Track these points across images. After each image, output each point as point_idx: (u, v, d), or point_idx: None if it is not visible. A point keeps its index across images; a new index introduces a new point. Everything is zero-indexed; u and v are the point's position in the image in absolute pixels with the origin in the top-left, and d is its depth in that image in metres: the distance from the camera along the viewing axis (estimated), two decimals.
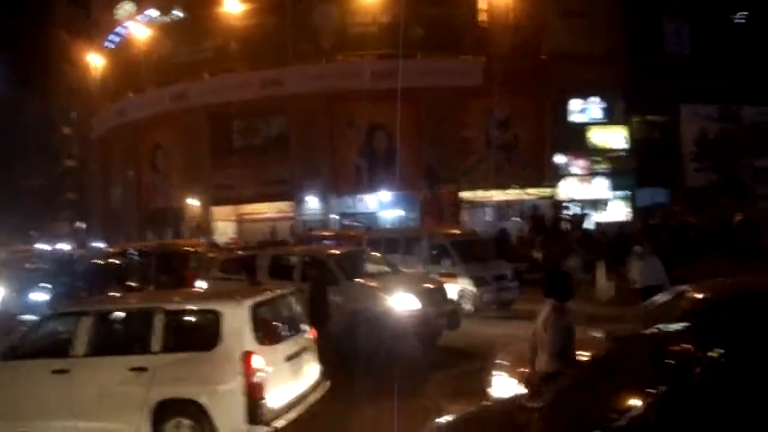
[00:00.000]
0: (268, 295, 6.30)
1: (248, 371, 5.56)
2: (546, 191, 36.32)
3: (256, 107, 35.90)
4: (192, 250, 16.31)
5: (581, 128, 37.39)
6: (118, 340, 6.26)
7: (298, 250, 11.72)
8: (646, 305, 8.35)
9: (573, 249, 16.35)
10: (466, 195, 33.94)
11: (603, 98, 37.62)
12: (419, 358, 8.59)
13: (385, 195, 36.62)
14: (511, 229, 28.64)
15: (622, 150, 37.87)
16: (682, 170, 38.32)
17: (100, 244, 38.65)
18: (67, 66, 48.64)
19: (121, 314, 6.34)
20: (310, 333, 6.61)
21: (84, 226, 50.76)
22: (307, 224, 34.22)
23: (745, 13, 44.06)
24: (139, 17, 40.01)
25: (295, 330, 6.42)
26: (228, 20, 36.43)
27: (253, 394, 5.51)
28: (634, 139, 38.29)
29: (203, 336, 5.93)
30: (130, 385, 5.76)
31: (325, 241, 18.73)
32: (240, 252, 13.05)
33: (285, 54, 35.89)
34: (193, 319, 6.17)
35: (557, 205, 32.71)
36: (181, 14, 38.71)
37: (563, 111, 37.11)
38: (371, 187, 36.18)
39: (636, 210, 37.28)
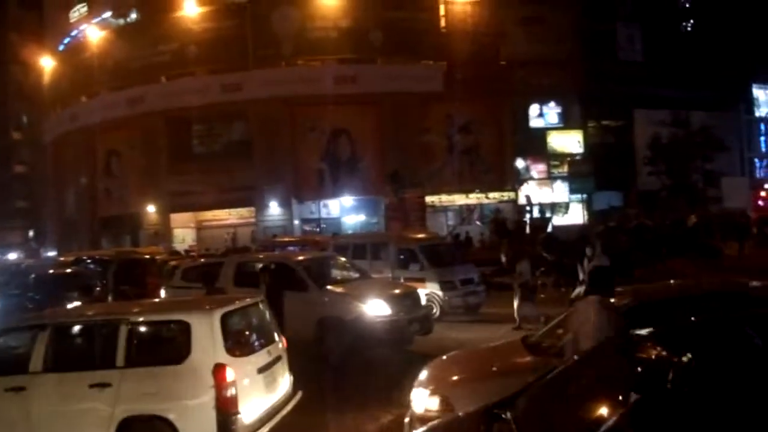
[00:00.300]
0: (238, 304, 6.03)
1: (220, 385, 5.29)
2: (507, 195, 36.77)
3: (216, 112, 35.39)
4: (153, 258, 15.89)
5: (540, 133, 38.08)
6: (80, 355, 5.90)
7: (265, 257, 11.51)
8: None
9: (527, 252, 16.61)
10: (429, 199, 34.11)
11: (560, 103, 38.41)
12: (391, 365, 8.48)
13: (347, 200, 36.55)
14: (472, 233, 28.87)
15: (579, 154, 38.65)
16: (635, 174, 39.31)
17: (53, 253, 37.52)
18: (18, 69, 47.08)
19: (82, 327, 6.04)
20: (281, 342, 6.42)
21: (32, 234, 49.10)
22: (269, 231, 33.79)
23: (692, 21, 45.80)
24: (93, 20, 38.96)
25: (267, 340, 6.22)
26: (185, 23, 35.86)
27: (226, 408, 5.27)
28: (589, 143, 39.17)
29: (171, 348, 5.66)
30: (93, 401, 5.45)
31: (290, 248, 18.50)
32: (203, 260, 12.71)
33: (245, 58, 35.50)
34: (160, 330, 5.87)
35: (519, 209, 33.14)
36: (137, 17, 37.83)
37: (522, 116, 37.72)
38: (334, 193, 36.03)
39: (592, 213, 38.11)
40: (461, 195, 36.61)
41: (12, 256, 36.86)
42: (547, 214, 31.14)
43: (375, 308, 9.18)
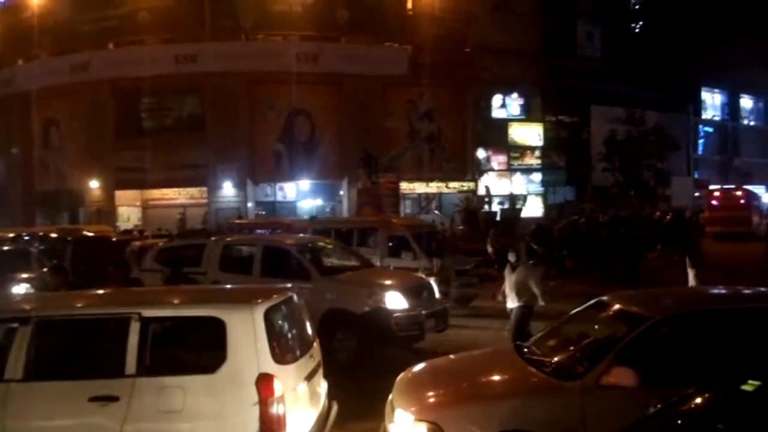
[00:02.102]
0: (279, 296, 4.86)
1: (266, 401, 4.14)
2: (467, 185, 36.39)
3: (168, 84, 33.24)
4: (109, 237, 14.40)
5: (501, 124, 37.87)
6: (75, 359, 4.58)
7: (258, 239, 10.38)
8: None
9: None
10: None
11: (522, 95, 38.30)
12: (408, 364, 7.62)
13: (304, 184, 35.31)
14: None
15: (539, 147, 38.75)
16: (589, 169, 39.75)
17: None
18: None
19: (78, 322, 4.67)
20: (317, 343, 5.39)
21: None
22: (222, 212, 32.22)
23: (641, 23, 46.76)
24: None
25: (307, 341, 5.16)
26: None
27: (273, 430, 4.19)
28: (548, 137, 39.32)
29: (200, 353, 4.49)
30: (93, 420, 4.22)
31: (258, 231, 17.29)
32: (180, 240, 11.45)
33: (201, 29, 33.62)
34: (184, 329, 4.58)
35: (479, 199, 32.81)
36: None
37: (485, 106, 37.39)
38: (291, 175, 34.71)
39: (548, 207, 38.34)
40: (421, 183, 35.97)
41: None
42: (518, 205, 30.89)
43: (391, 301, 8.27)
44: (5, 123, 38.51)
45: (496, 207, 30.96)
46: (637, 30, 46.81)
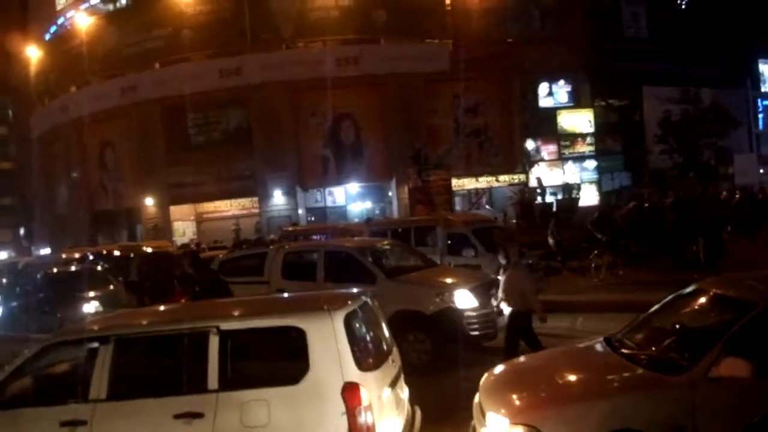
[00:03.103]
0: (357, 300, 4.75)
1: (353, 410, 3.99)
2: (517, 178, 35.67)
3: (214, 99, 33.84)
4: (170, 252, 14.59)
5: (550, 113, 37.01)
6: (158, 376, 4.51)
7: (319, 245, 10.27)
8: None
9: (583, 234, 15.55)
10: None
11: (569, 81, 37.34)
12: (482, 365, 7.34)
13: (353, 187, 35.31)
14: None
15: (590, 134, 37.71)
16: (645, 153, 38.45)
17: (45, 250, 36.01)
18: (2, 60, 44.95)
19: (157, 339, 4.60)
20: (396, 347, 5.18)
21: (23, 232, 47.31)
22: (273, 221, 32.50)
23: None
24: (81, 6, 37.11)
25: (388, 346, 4.97)
26: (179, 6, 34.20)
27: None
28: (598, 122, 38.22)
29: (282, 364, 4.35)
30: None
31: (314, 237, 17.25)
32: (240, 251, 11.46)
33: (243, 41, 34.00)
34: (263, 340, 4.45)
35: (532, 191, 32.06)
36: (127, 1, 36.10)
37: (531, 96, 36.62)
38: (339, 180, 34.74)
39: (603, 194, 37.23)
40: (470, 178, 35.43)
41: (2, 254, 35.36)
42: (574, 195, 30.06)
43: (461, 300, 7.99)
44: (64, 149, 40.08)
45: (549, 198, 30.13)
46: (683, 6, 45.11)
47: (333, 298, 4.90)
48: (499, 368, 5.25)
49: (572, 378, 4.70)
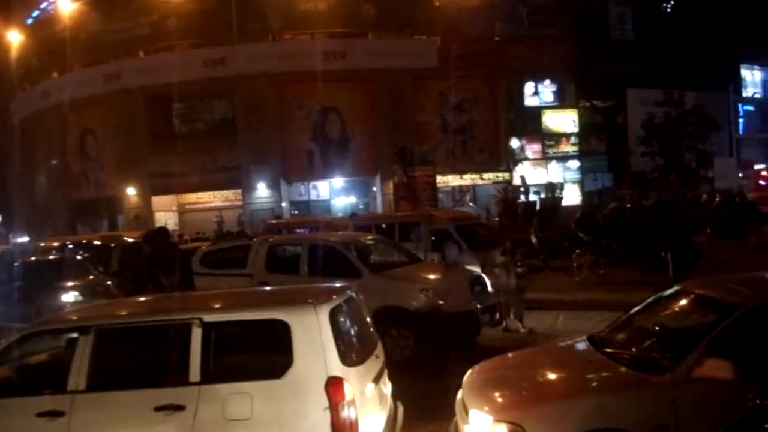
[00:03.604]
0: (341, 295, 4.70)
1: (336, 405, 3.95)
2: (501, 176, 35.82)
3: (199, 89, 33.46)
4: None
5: (535, 112, 37.19)
6: (137, 367, 4.44)
7: (304, 238, 10.21)
8: None
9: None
10: None
11: (554, 81, 37.53)
12: (466, 362, 7.34)
13: (338, 181, 35.21)
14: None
15: (574, 134, 37.95)
16: (627, 154, 38.80)
17: (24, 239, 35.42)
18: None
19: (138, 330, 4.52)
20: (380, 342, 5.16)
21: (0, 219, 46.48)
22: (256, 214, 32.32)
23: (672, 1, 45.33)
24: None
25: (372, 340, 4.96)
26: None
27: None
28: (582, 123, 38.48)
29: (265, 358, 4.31)
30: (159, 429, 4.07)
31: (298, 230, 17.18)
32: (223, 243, 11.36)
33: (229, 32, 33.66)
34: (246, 333, 4.43)
35: (516, 189, 32.24)
36: None
37: (517, 94, 36.75)
38: (324, 174, 34.62)
39: (585, 194, 37.51)
40: (455, 176, 35.51)
41: None
42: (557, 194, 30.25)
43: (443, 297, 7.99)
44: (45, 135, 39.42)
45: (532, 196, 30.30)
46: (668, 9, 45.49)
47: (318, 291, 4.86)
48: (482, 365, 5.25)
49: (556, 376, 4.72)
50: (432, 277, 8.60)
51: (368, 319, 5.10)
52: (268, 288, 7.14)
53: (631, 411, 4.15)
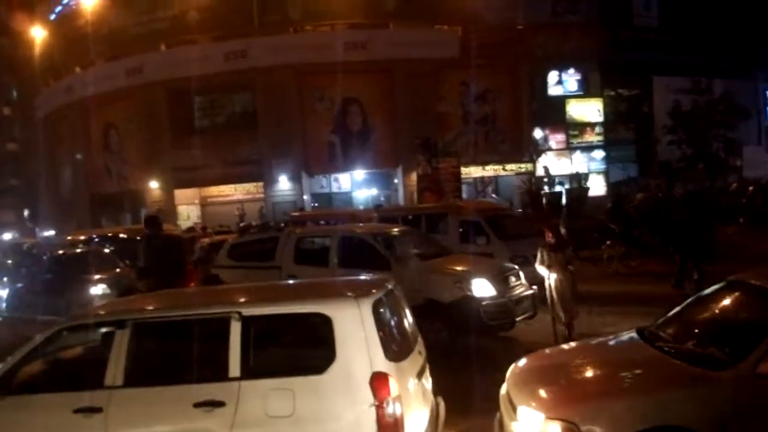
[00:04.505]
0: (383, 287, 4.49)
1: (382, 401, 3.78)
2: (524, 167, 35.37)
3: (220, 82, 33.45)
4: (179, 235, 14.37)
5: (558, 101, 36.64)
6: (175, 362, 4.30)
7: (333, 230, 10.04)
8: None
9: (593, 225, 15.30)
10: None
11: (579, 70, 36.92)
12: (501, 356, 7.14)
13: (359, 174, 35.03)
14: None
15: (599, 123, 37.35)
16: (654, 144, 38.10)
17: (50, 232, 35.85)
18: (6, 40, 44.56)
19: (175, 324, 4.35)
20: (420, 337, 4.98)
21: (27, 213, 47.14)
22: (278, 206, 32.31)
23: None
24: None
25: (413, 335, 4.77)
26: None
27: None
28: (607, 112, 37.85)
29: (307, 353, 4.15)
30: (198, 426, 3.94)
31: (322, 222, 17.05)
32: (249, 236, 11.27)
33: (250, 24, 33.60)
34: (287, 328, 4.27)
35: (539, 180, 31.77)
36: None
37: (540, 84, 36.23)
38: (345, 166, 34.45)
39: (610, 185, 36.94)
40: (477, 167, 35.13)
41: (7, 236, 35.21)
42: (584, 185, 29.77)
43: (479, 288, 7.78)
44: (68, 130, 39.85)
45: (557, 187, 29.85)
46: None
47: (359, 284, 4.69)
48: (527, 360, 5.04)
49: (608, 372, 4.49)
50: (464, 269, 8.37)
51: (408, 313, 4.91)
52: (306, 281, 6.97)
53: (690, 408, 3.93)
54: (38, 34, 39.56)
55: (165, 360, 4.36)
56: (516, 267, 8.89)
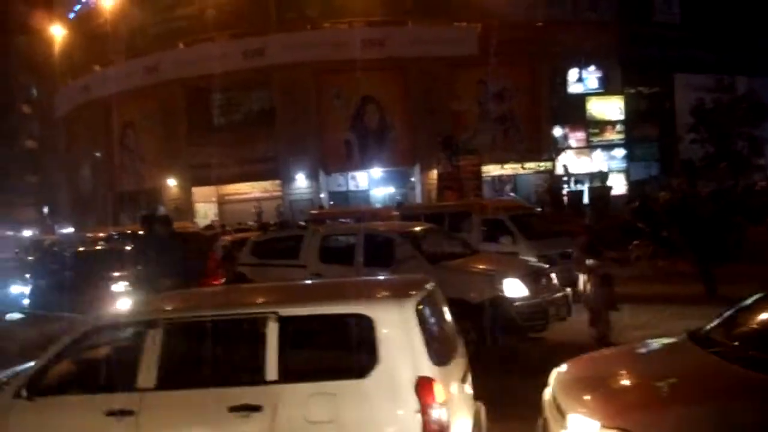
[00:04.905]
0: (426, 288, 4.30)
1: (427, 407, 3.59)
2: (543, 165, 35.00)
3: (237, 80, 33.39)
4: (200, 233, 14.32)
5: (578, 99, 36.20)
6: (210, 365, 4.14)
7: (358, 228, 9.87)
8: None
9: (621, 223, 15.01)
10: None
11: (599, 67, 36.45)
12: (534, 358, 6.93)
13: (376, 172, 34.86)
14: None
15: (620, 121, 36.86)
16: (676, 142, 37.55)
17: (69, 229, 36.07)
18: (26, 39, 44.99)
19: (210, 324, 4.15)
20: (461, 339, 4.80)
21: (46, 211, 47.58)
22: (296, 204, 32.26)
23: None
24: None
25: (456, 338, 4.62)
26: None
27: None
28: (628, 110, 37.34)
29: (349, 356, 3.94)
30: (235, 431, 3.76)
31: (342, 220, 16.90)
32: (272, 233, 11.13)
33: (267, 22, 33.55)
34: (327, 329, 4.07)
35: (559, 179, 31.42)
36: None
37: (560, 81, 35.82)
38: (362, 164, 34.29)
39: (631, 183, 36.46)
40: (495, 165, 34.80)
41: (27, 233, 35.49)
42: (608, 183, 29.37)
43: (511, 289, 7.56)
44: (87, 128, 40.09)
45: (578, 186, 29.49)
46: None
47: (400, 284, 4.50)
48: (575, 365, 4.81)
49: (664, 378, 4.25)
50: (495, 268, 8.15)
51: (449, 316, 4.71)
52: (344, 279, 6.78)
53: (758, 417, 3.68)
54: (57, 32, 39.85)
55: (199, 362, 4.18)
56: (548, 266, 8.65)
